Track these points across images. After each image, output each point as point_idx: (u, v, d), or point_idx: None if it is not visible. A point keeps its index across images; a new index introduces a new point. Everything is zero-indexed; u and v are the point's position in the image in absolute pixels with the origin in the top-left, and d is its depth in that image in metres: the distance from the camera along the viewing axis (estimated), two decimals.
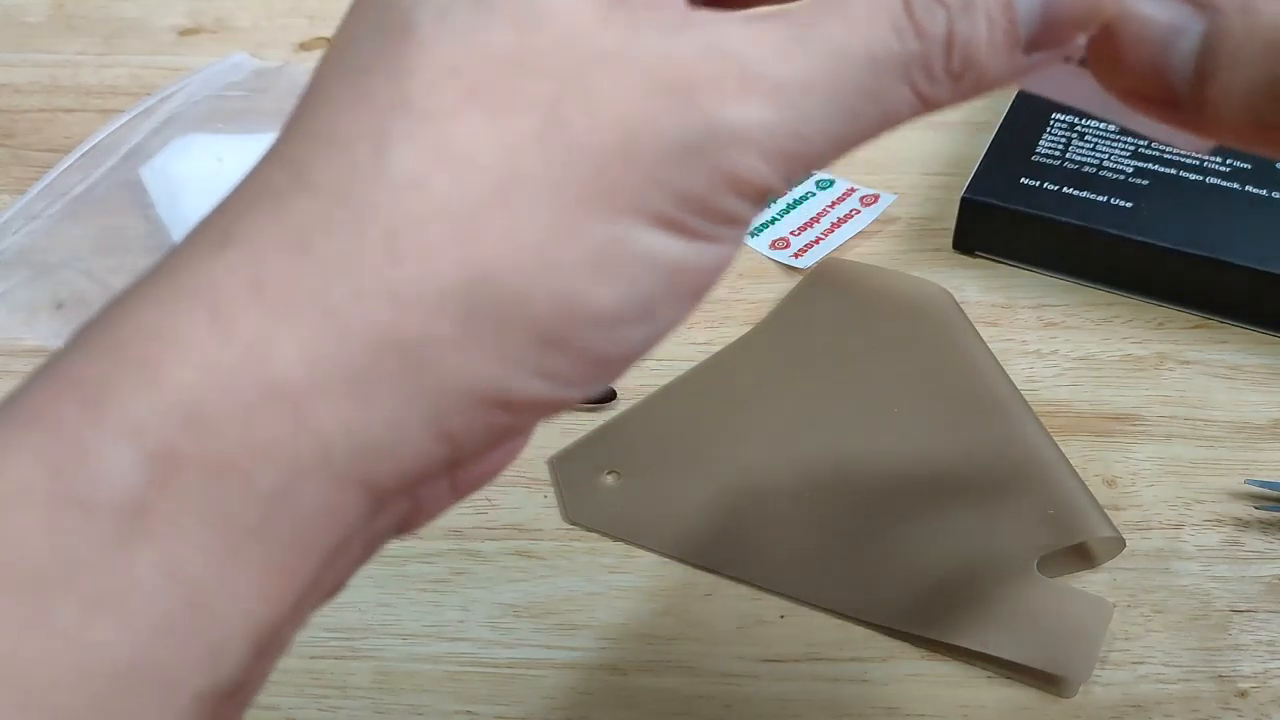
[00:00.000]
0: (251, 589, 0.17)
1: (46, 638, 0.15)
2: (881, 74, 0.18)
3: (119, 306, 0.17)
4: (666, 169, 0.17)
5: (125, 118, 0.54)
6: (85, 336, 0.17)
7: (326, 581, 0.19)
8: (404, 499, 0.19)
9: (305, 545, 0.17)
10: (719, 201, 0.18)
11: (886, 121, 0.19)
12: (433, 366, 0.17)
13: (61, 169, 0.52)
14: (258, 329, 0.17)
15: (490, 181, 0.17)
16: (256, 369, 0.16)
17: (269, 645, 0.18)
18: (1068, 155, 0.48)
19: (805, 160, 0.18)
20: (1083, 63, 0.20)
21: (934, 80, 0.19)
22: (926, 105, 0.19)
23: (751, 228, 0.20)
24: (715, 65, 0.17)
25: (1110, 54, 0.20)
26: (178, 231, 0.48)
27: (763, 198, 0.18)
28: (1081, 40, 0.19)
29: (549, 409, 0.19)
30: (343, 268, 0.17)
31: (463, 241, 0.17)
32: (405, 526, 0.21)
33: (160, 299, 0.17)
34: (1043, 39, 0.19)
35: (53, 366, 0.17)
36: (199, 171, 0.50)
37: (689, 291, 0.19)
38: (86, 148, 0.53)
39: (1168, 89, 0.19)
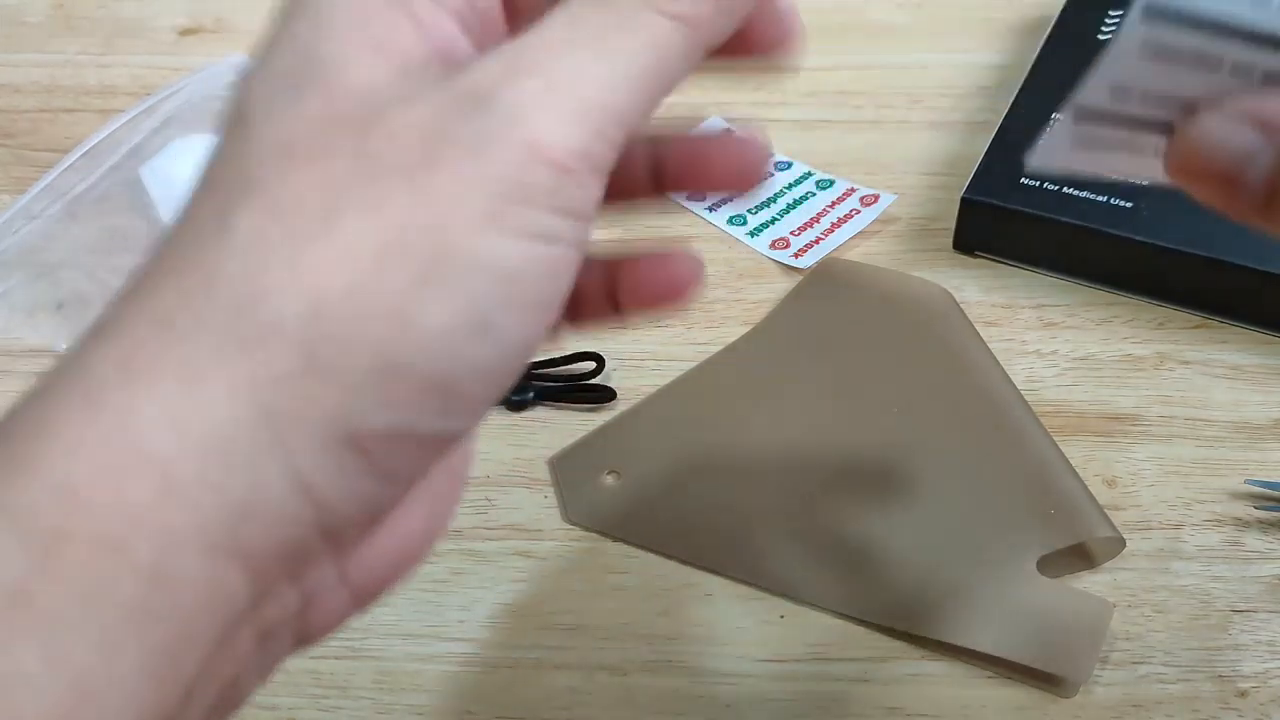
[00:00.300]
0: (139, 676, 0.17)
1: None
2: (640, 25, 0.20)
3: (11, 412, 0.18)
4: (477, 162, 0.18)
5: (125, 118, 0.54)
6: None
7: (222, 673, 0.19)
8: (288, 584, 0.19)
9: (188, 626, 0.18)
10: (533, 179, 0.18)
11: (667, 78, 0.21)
12: (281, 409, 0.18)
13: (61, 169, 0.52)
14: (123, 402, 0.17)
15: (315, 219, 0.18)
16: (124, 440, 0.17)
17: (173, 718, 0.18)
18: None
19: (604, 113, 0.19)
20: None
21: (701, 19, 0.21)
22: (692, 28, 0.21)
23: (588, 230, 0.20)
24: (502, 70, 0.19)
25: (1188, 168, 0.23)
26: None
27: (580, 174, 0.19)
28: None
29: (412, 445, 0.19)
30: (199, 330, 0.18)
31: (297, 280, 0.18)
32: (303, 632, 0.21)
33: (43, 394, 0.18)
34: None
35: None
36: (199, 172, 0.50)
37: (529, 301, 0.19)
38: (86, 148, 0.53)
39: (1240, 198, 0.23)
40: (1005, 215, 0.47)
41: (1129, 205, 0.46)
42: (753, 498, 0.40)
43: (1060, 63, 0.53)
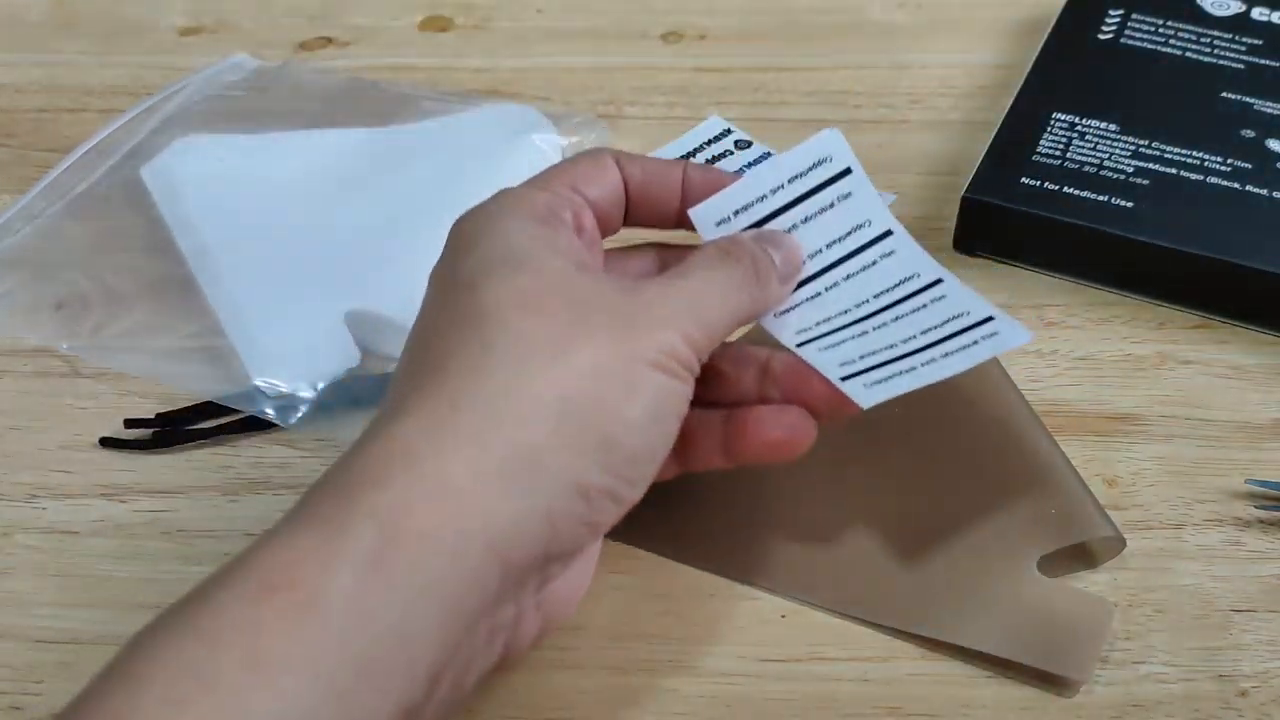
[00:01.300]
0: (432, 625, 0.27)
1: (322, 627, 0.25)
2: (733, 284, 0.33)
3: (342, 468, 0.28)
4: (649, 334, 0.30)
5: (125, 118, 0.54)
6: (344, 465, 0.28)
7: (460, 660, 0.28)
8: (515, 592, 0.29)
9: (464, 598, 0.27)
10: (679, 350, 0.31)
11: (747, 312, 0.34)
12: (540, 464, 0.28)
13: (61, 169, 0.52)
14: (433, 459, 0.27)
15: (549, 349, 0.29)
16: (438, 481, 0.27)
17: (437, 680, 0.27)
18: (1068, 155, 0.48)
19: (709, 345, 0.32)
20: None
21: (760, 286, 0.34)
22: (755, 305, 0.35)
23: (693, 383, 0.32)
24: (653, 289, 0.32)
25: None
26: (178, 231, 0.48)
27: (699, 353, 0.31)
28: None
29: (611, 503, 0.30)
30: (481, 414, 0.28)
31: (544, 381, 0.28)
32: (510, 643, 0.31)
33: (366, 454, 0.28)
34: (785, 276, 0.36)
35: (323, 482, 0.28)
36: (199, 171, 0.50)
37: (677, 410, 0.31)
38: (86, 148, 0.53)
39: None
40: (1005, 215, 0.47)
41: (1129, 205, 0.46)
42: (752, 498, 0.40)
43: (1060, 63, 0.53)
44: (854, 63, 0.59)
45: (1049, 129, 0.49)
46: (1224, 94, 0.51)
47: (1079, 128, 0.49)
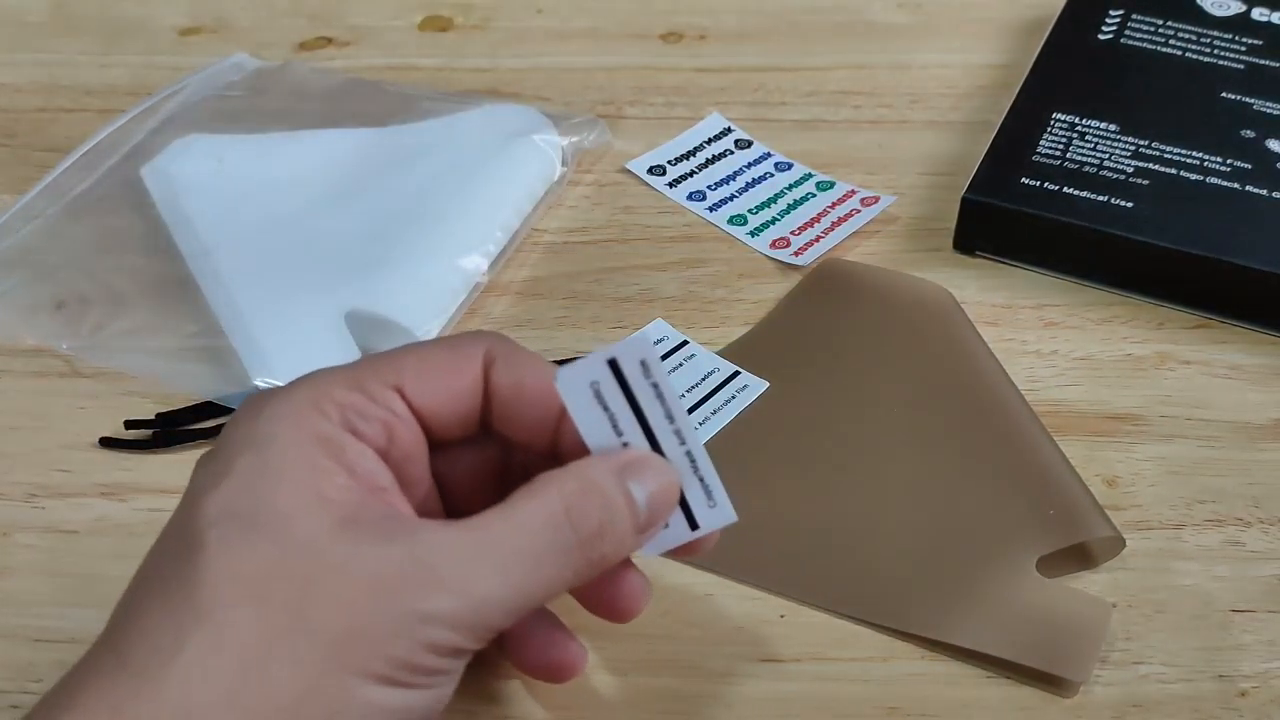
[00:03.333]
0: None
1: None
2: (545, 561, 0.26)
3: None
4: (381, 644, 0.25)
5: (125, 118, 0.54)
6: None
7: None
8: None
9: None
10: (424, 661, 0.25)
11: (557, 590, 0.27)
12: None
13: (61, 169, 0.52)
14: None
15: (254, 660, 0.24)
16: None
17: None
18: (1068, 155, 0.48)
19: (488, 627, 0.26)
20: None
21: (587, 560, 0.27)
22: (580, 577, 0.27)
23: (461, 670, 0.28)
24: (413, 570, 0.25)
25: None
26: (177, 231, 0.48)
27: (459, 654, 0.26)
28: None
29: None
30: None
31: (232, 708, 0.24)
32: None
33: None
34: (649, 523, 0.29)
35: None
36: (199, 171, 0.50)
37: None
38: (86, 148, 0.53)
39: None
40: (1005, 215, 0.47)
41: (1129, 205, 0.46)
42: (752, 497, 0.40)
43: (1060, 63, 0.53)
44: (853, 63, 0.59)
45: (1049, 129, 0.49)
46: (1224, 94, 0.51)
47: (1079, 128, 0.49)
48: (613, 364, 0.28)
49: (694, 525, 0.30)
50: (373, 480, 0.27)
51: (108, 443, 0.42)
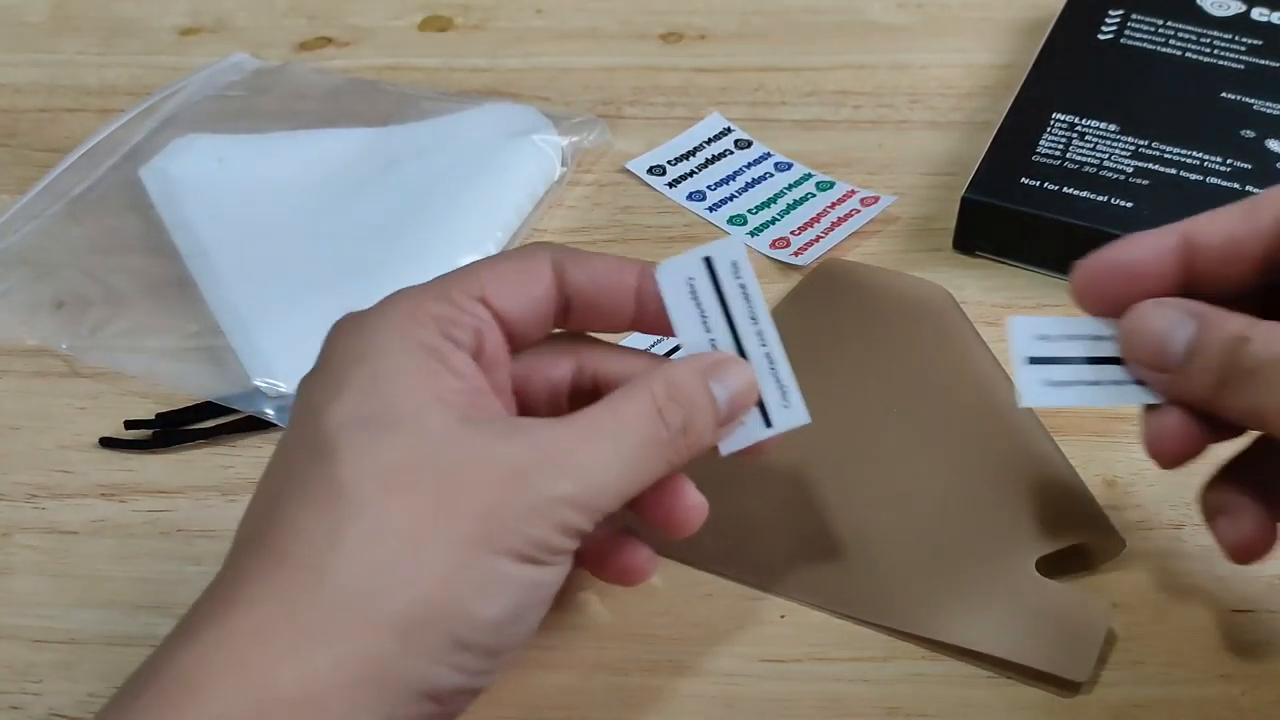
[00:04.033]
0: None
1: None
2: (645, 452, 0.29)
3: (158, 659, 0.26)
4: (519, 525, 0.27)
5: (125, 118, 0.54)
6: (140, 678, 0.26)
7: None
8: None
9: None
10: (555, 541, 0.28)
11: (654, 477, 0.30)
12: (386, 676, 0.26)
13: (61, 169, 0.52)
14: (264, 666, 0.25)
15: (409, 544, 0.26)
16: (266, 693, 0.25)
17: None
18: (1068, 155, 0.48)
19: (603, 510, 0.29)
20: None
21: (677, 451, 0.30)
22: (673, 466, 0.30)
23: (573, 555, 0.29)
24: (541, 459, 0.28)
25: (1134, 356, 0.31)
26: (176, 231, 0.48)
27: (580, 535, 0.28)
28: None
29: (466, 695, 0.28)
30: (321, 615, 0.25)
31: (395, 584, 0.26)
32: None
33: (187, 646, 0.25)
34: (729, 418, 0.31)
35: (121, 698, 0.26)
36: (198, 172, 0.50)
37: (544, 599, 0.29)
38: (86, 148, 0.53)
39: (1166, 363, 0.30)
40: (1005, 215, 0.47)
41: (1129, 205, 0.46)
42: (752, 497, 0.40)
43: (1060, 63, 0.53)
44: (854, 63, 0.59)
45: (1049, 129, 0.49)
46: (1224, 94, 0.51)
47: (1079, 128, 0.49)
48: (708, 261, 0.31)
49: (769, 423, 0.32)
50: (475, 383, 0.29)
51: (108, 443, 0.42)
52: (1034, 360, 0.33)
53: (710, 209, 0.51)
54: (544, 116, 0.53)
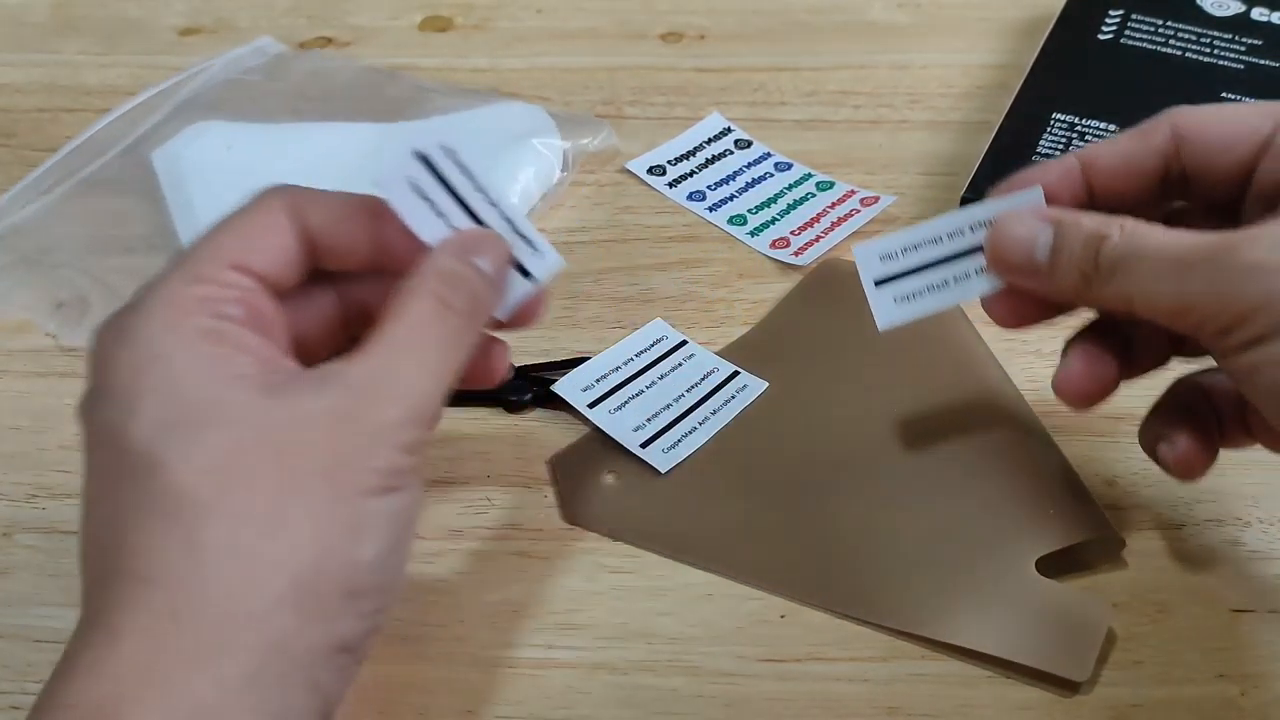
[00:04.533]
0: None
1: None
2: (446, 346, 0.30)
3: (49, 691, 0.25)
4: (365, 463, 0.27)
5: (142, 97, 0.55)
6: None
7: None
8: None
9: None
10: (402, 462, 0.28)
11: (462, 363, 0.30)
12: (289, 651, 0.26)
13: (73, 147, 0.52)
14: (172, 687, 0.25)
15: (264, 526, 0.26)
16: (185, 705, 0.25)
17: None
18: None
19: (434, 413, 0.29)
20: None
21: (471, 331, 0.31)
22: (471, 345, 0.31)
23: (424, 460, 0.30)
24: (357, 397, 0.28)
25: (997, 265, 0.34)
26: (180, 217, 0.49)
27: (423, 445, 0.29)
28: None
29: (374, 635, 0.28)
30: (211, 621, 0.25)
31: (268, 568, 0.26)
32: None
33: (97, 679, 0.25)
34: (498, 284, 0.32)
35: None
36: (209, 159, 0.50)
37: (412, 519, 0.29)
38: (99, 127, 0.53)
39: (1035, 268, 0.33)
40: None
41: None
42: (752, 497, 0.40)
43: (1060, 63, 0.53)
44: (854, 63, 0.59)
45: (1049, 129, 0.49)
46: (1224, 94, 0.51)
47: (1079, 128, 0.49)
48: (421, 157, 0.32)
49: (529, 276, 0.33)
50: (264, 352, 0.29)
51: None
52: (880, 282, 0.35)
53: (710, 209, 0.51)
54: (550, 119, 0.53)
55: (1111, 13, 0.55)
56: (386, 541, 0.28)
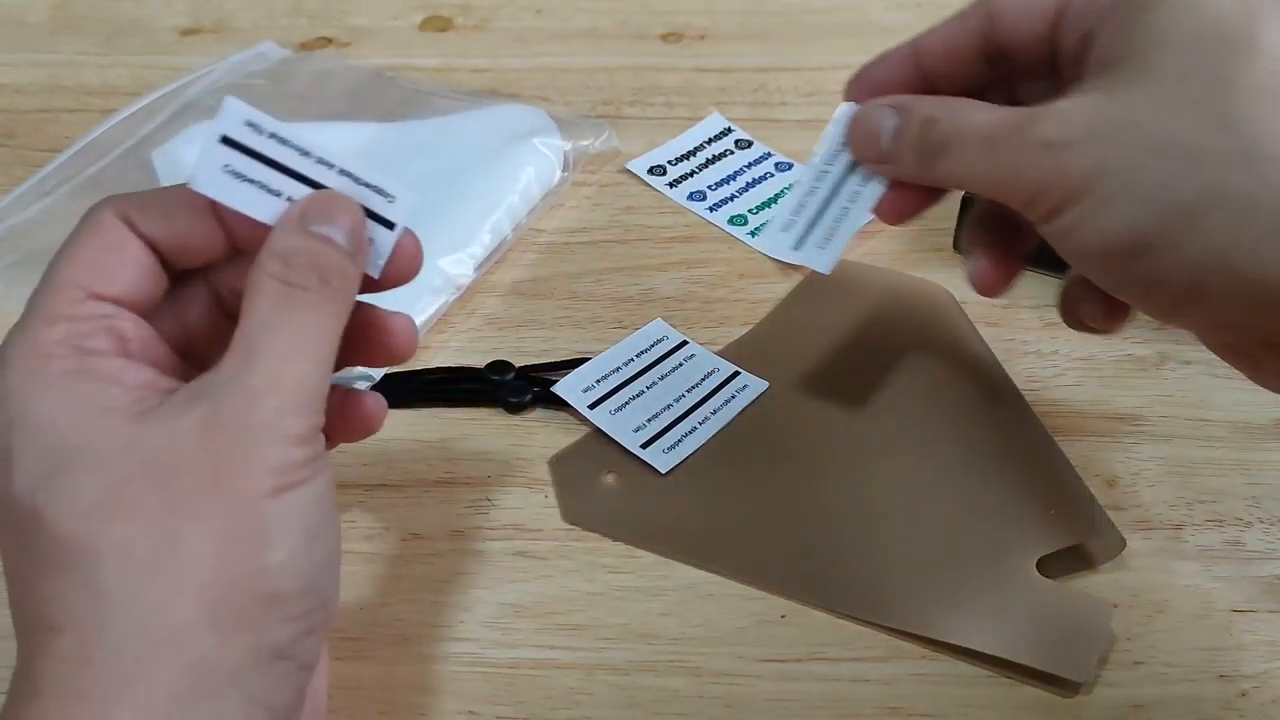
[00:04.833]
0: None
1: None
2: (307, 325, 0.28)
3: None
4: (256, 464, 0.26)
5: (146, 100, 0.55)
6: None
7: None
8: None
9: None
10: (296, 454, 0.27)
11: (337, 335, 0.28)
12: (215, 672, 0.25)
13: (76, 149, 0.52)
14: (84, 716, 0.25)
15: (161, 551, 0.25)
16: None
17: None
18: None
19: (317, 395, 0.28)
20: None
21: (333, 300, 0.28)
22: (342, 314, 0.29)
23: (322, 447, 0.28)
24: (231, 402, 0.26)
25: (858, 150, 0.35)
26: None
27: (316, 431, 0.28)
28: None
29: (311, 637, 0.27)
30: (127, 660, 0.25)
31: (174, 593, 0.25)
32: None
33: None
34: (356, 245, 0.29)
35: None
36: None
37: (327, 507, 0.28)
38: (102, 129, 0.53)
39: (882, 154, 0.34)
40: None
41: None
42: (752, 497, 0.40)
43: None
44: (854, 63, 0.58)
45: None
46: None
47: None
48: (227, 140, 0.28)
49: (390, 225, 0.30)
50: (137, 377, 0.28)
51: None
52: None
53: (711, 209, 0.51)
54: (551, 120, 0.53)
55: None
56: (298, 540, 0.27)
